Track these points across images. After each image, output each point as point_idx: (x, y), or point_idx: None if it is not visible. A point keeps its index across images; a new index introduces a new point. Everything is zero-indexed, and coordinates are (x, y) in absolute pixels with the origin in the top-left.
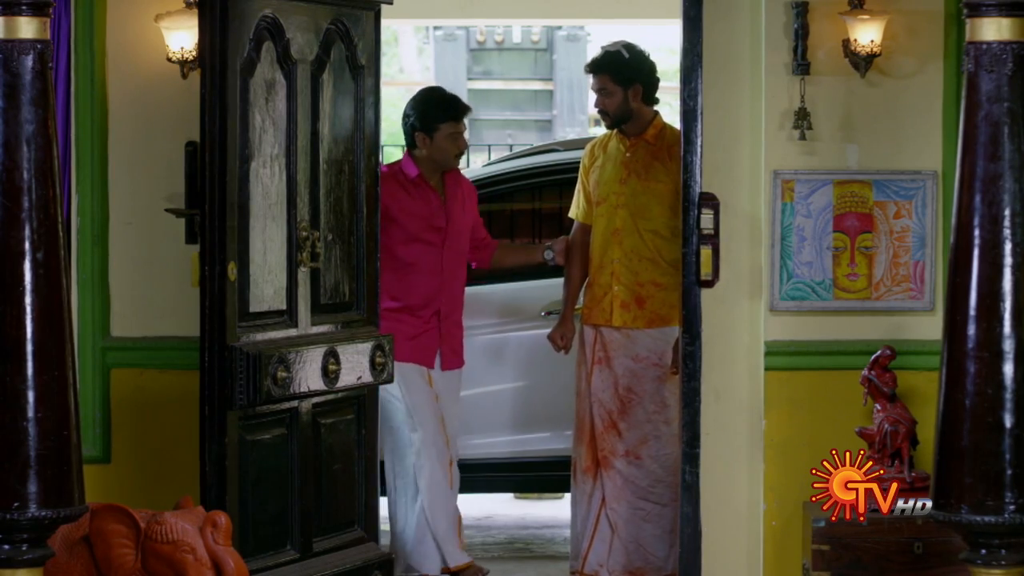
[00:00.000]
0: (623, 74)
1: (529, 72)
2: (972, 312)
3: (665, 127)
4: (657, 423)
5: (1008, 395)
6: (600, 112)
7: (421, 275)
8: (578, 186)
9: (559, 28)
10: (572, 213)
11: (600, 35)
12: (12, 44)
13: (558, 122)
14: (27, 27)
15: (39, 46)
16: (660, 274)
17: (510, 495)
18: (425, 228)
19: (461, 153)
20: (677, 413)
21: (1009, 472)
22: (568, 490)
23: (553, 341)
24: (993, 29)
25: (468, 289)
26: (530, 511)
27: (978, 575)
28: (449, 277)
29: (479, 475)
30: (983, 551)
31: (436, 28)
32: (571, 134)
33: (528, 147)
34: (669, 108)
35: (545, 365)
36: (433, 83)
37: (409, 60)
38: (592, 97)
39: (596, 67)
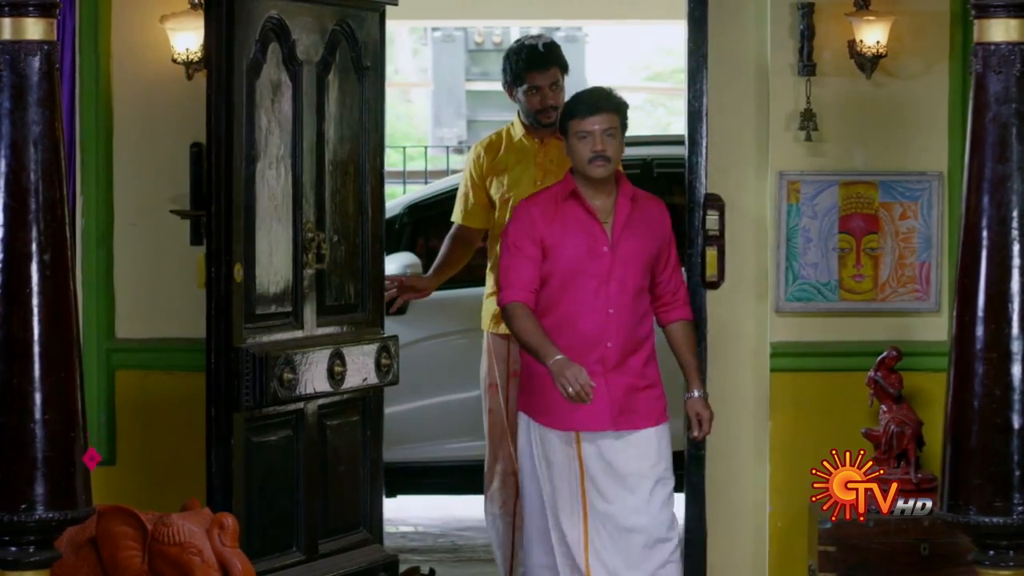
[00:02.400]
0: (565, 65)
1: None
2: (980, 313)
3: None
4: None
5: (1016, 396)
6: (545, 111)
7: (579, 314)
8: (464, 189)
9: (557, 29)
10: (455, 217)
11: (598, 36)
12: (19, 45)
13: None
14: (34, 28)
15: (46, 47)
16: None
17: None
18: (579, 254)
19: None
20: None
21: (1017, 473)
22: None
23: (400, 284)
24: (1001, 30)
25: (441, 294)
26: None
27: None
28: (619, 319)
29: (462, 478)
30: (991, 552)
31: (434, 29)
32: None
33: None
34: (665, 109)
35: None
36: (431, 85)
37: (404, 61)
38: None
39: (551, 59)
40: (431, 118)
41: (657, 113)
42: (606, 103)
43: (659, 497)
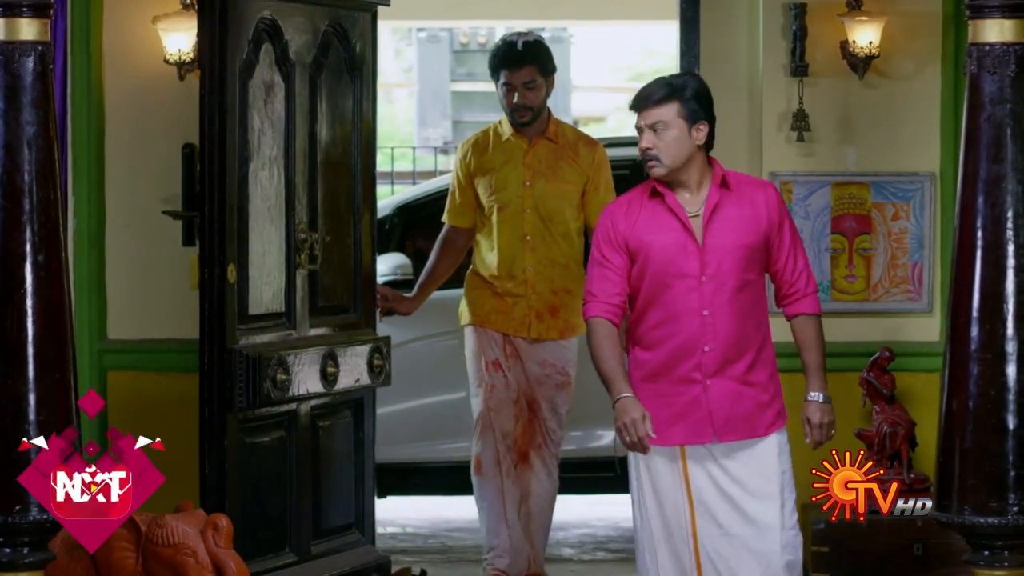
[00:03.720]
0: (547, 64)
1: None
2: (975, 314)
3: (560, 124)
4: (549, 431)
5: (1011, 396)
6: (519, 109)
7: (673, 318)
8: (452, 188)
9: (542, 29)
10: (445, 217)
11: (583, 36)
12: (13, 46)
13: None
14: (28, 29)
15: (40, 48)
16: (571, 280)
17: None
18: (667, 254)
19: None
20: (564, 421)
21: (1012, 474)
22: (559, 491)
23: (384, 297)
24: (996, 30)
25: (439, 294)
26: None
27: None
28: (717, 320)
29: (453, 478)
30: (986, 553)
31: (419, 30)
32: None
33: None
34: None
35: None
36: (416, 86)
37: (386, 62)
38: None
39: (526, 58)
40: (416, 119)
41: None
42: (654, 95)
43: (787, 516)
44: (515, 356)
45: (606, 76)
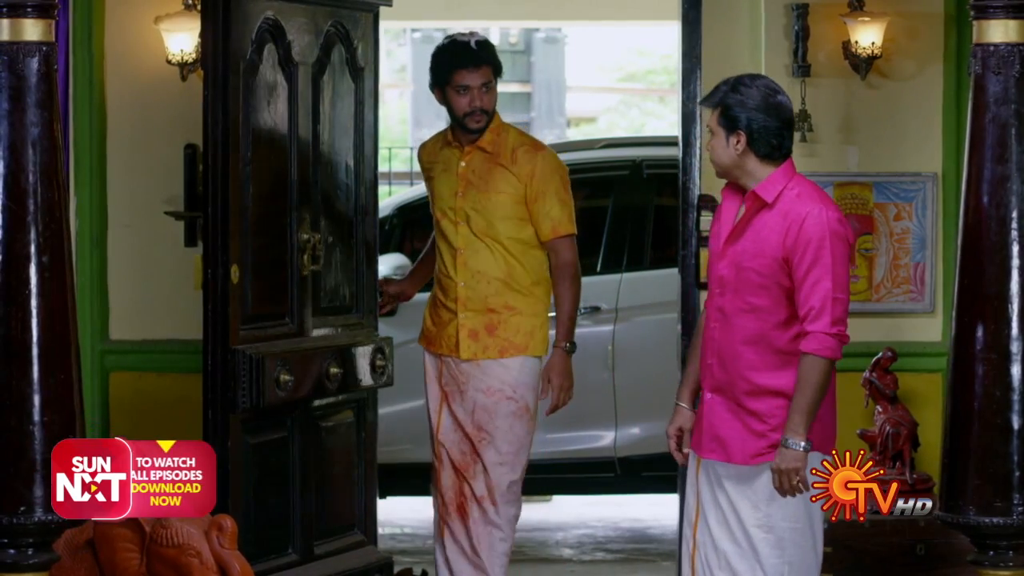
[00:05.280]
0: (499, 65)
1: (507, 74)
2: (980, 314)
3: (504, 129)
4: (513, 465)
5: (1016, 397)
6: (474, 113)
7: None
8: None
9: (537, 30)
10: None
11: (577, 37)
12: (17, 46)
13: (536, 124)
14: (32, 29)
15: (44, 48)
16: (514, 297)
17: None
18: (712, 256)
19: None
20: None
21: (1017, 474)
22: (558, 492)
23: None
24: (1000, 31)
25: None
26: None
27: None
28: (717, 335)
29: None
30: (991, 552)
31: (414, 30)
32: (550, 137)
33: None
34: (638, 110)
35: None
36: (410, 86)
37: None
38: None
39: (483, 57)
40: (411, 119)
41: (631, 114)
42: (705, 100)
43: (763, 548)
44: (456, 392)
45: (597, 76)
